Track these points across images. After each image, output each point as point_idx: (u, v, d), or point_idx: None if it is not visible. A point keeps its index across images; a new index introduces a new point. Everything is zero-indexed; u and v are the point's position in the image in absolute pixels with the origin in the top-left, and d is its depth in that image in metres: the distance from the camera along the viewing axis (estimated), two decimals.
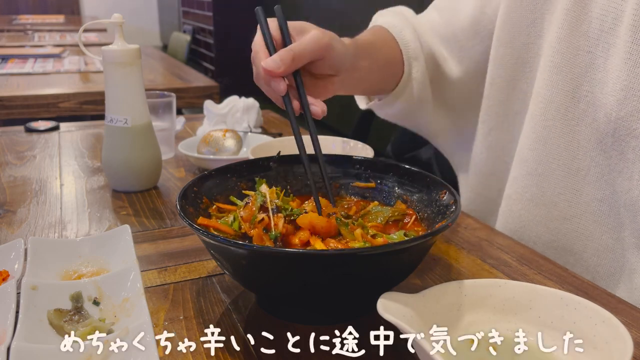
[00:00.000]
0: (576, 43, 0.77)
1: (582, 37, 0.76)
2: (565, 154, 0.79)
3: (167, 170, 1.05)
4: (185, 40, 3.92)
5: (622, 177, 0.73)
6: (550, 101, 0.80)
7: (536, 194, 0.83)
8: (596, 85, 0.74)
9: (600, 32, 0.74)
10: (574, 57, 0.77)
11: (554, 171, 0.80)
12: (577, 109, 0.77)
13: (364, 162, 0.72)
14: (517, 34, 0.86)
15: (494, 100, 0.91)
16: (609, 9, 0.73)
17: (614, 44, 0.72)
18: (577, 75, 0.77)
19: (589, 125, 0.76)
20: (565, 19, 0.77)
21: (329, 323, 0.56)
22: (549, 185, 0.81)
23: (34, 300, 0.55)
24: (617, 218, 0.75)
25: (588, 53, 0.76)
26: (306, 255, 0.50)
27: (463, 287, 0.52)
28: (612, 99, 0.72)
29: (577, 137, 0.78)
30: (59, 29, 4.13)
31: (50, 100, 1.90)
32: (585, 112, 0.77)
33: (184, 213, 0.56)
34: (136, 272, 0.59)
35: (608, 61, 0.73)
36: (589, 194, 0.77)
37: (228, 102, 1.32)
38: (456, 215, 0.56)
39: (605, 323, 0.46)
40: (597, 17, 0.74)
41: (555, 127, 0.80)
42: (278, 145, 0.89)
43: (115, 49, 0.88)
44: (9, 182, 0.98)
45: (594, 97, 0.75)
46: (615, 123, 0.72)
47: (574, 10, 0.76)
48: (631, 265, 0.74)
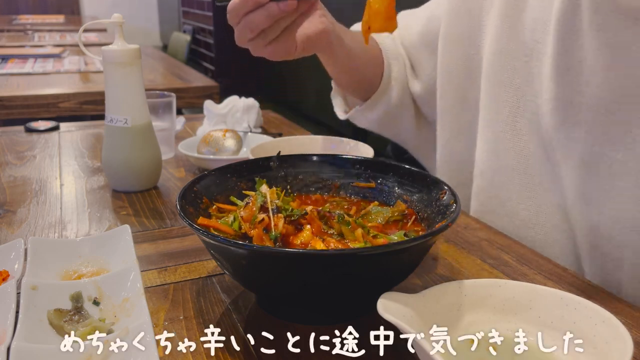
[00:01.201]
0: (514, 54, 0.78)
1: (520, 47, 0.77)
2: (518, 164, 0.80)
3: (167, 170, 1.05)
4: (185, 40, 3.92)
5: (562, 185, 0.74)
6: (497, 113, 0.81)
7: (498, 205, 0.84)
8: (536, 95, 0.76)
9: (533, 42, 0.75)
10: (513, 70, 0.78)
11: (512, 180, 0.81)
12: (523, 119, 0.78)
13: (364, 162, 0.72)
14: (459, 45, 0.87)
15: (446, 112, 0.92)
16: (537, 20, 0.74)
17: (545, 53, 0.73)
18: (518, 86, 0.78)
19: (535, 135, 0.77)
20: (498, 32, 0.79)
21: (329, 323, 0.56)
22: (508, 196, 0.81)
23: (34, 300, 0.55)
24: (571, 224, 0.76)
25: (525, 63, 0.77)
26: (306, 255, 0.50)
27: (463, 287, 0.52)
28: (546, 108, 0.73)
29: (527, 146, 0.79)
30: (59, 29, 4.13)
31: (50, 100, 1.90)
32: (530, 122, 0.77)
33: (184, 213, 0.56)
34: (136, 272, 0.59)
35: (542, 70, 0.74)
36: (545, 201, 0.78)
37: (228, 102, 1.32)
38: (456, 215, 0.56)
39: (605, 323, 0.46)
40: (528, 27, 0.75)
41: (505, 138, 0.81)
42: (278, 145, 0.89)
43: (115, 49, 0.88)
44: (9, 182, 0.98)
45: (537, 106, 0.76)
46: (552, 133, 0.73)
47: (507, 22, 0.78)
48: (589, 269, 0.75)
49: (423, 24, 0.96)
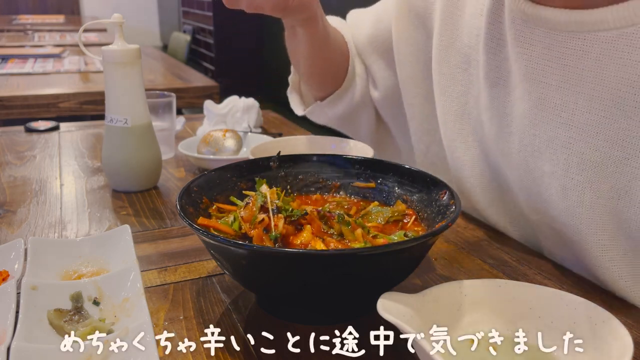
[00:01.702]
0: (453, 61, 0.77)
1: (457, 55, 0.77)
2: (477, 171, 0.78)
3: (167, 170, 1.05)
4: (185, 40, 3.93)
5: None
6: (445, 122, 0.80)
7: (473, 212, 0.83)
8: (477, 103, 0.75)
9: (469, 49, 0.74)
10: (453, 77, 0.78)
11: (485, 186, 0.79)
12: (468, 127, 0.77)
13: (364, 162, 0.72)
14: (414, 52, 0.86)
15: (418, 119, 0.90)
16: (471, 26, 0.73)
17: (479, 61, 0.72)
18: (459, 94, 0.77)
19: (481, 143, 0.76)
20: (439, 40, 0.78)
21: (329, 323, 0.56)
22: (483, 201, 0.80)
23: (34, 300, 0.55)
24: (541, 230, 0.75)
25: (464, 71, 0.76)
26: (306, 255, 0.51)
27: (463, 287, 0.52)
28: (485, 117, 0.72)
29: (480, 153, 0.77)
30: (59, 29, 4.13)
31: (50, 100, 1.90)
32: (475, 130, 0.76)
33: (184, 213, 0.56)
34: (136, 272, 0.59)
35: (480, 78, 0.73)
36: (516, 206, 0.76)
37: (228, 102, 1.32)
38: (456, 215, 0.56)
39: (605, 323, 0.46)
40: (465, 34, 0.75)
41: (457, 147, 0.80)
42: (278, 145, 0.90)
43: (115, 49, 0.88)
44: (9, 182, 0.98)
45: (478, 115, 0.75)
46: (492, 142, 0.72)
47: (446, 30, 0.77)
48: None
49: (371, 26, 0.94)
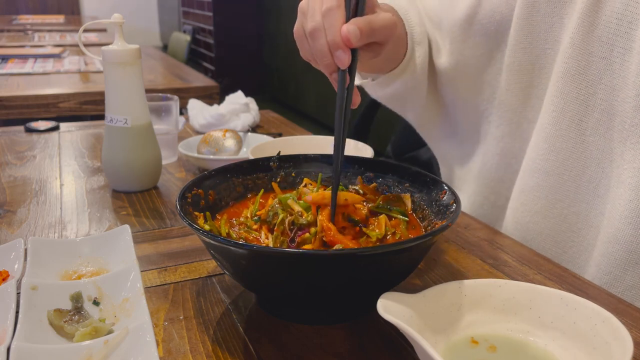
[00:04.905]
0: (590, 49, 0.74)
1: (596, 42, 0.73)
2: (576, 166, 0.77)
3: (167, 171, 1.05)
4: (185, 40, 3.93)
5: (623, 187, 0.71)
6: (563, 110, 0.77)
7: (545, 206, 0.81)
8: (611, 92, 0.72)
9: (615, 37, 0.71)
10: (588, 64, 0.74)
11: (564, 183, 0.78)
12: (592, 118, 0.75)
13: (364, 162, 0.72)
14: (535, 39, 0.82)
15: (508, 106, 0.88)
16: (625, 12, 0.70)
17: (631, 49, 0.69)
18: (591, 83, 0.74)
19: (602, 135, 0.74)
20: (579, 24, 0.74)
21: (329, 323, 0.56)
22: (559, 198, 0.79)
23: (34, 300, 0.55)
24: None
25: (602, 59, 0.73)
26: (306, 255, 0.50)
27: (463, 287, 0.52)
28: (628, 106, 0.70)
29: (589, 147, 0.76)
30: (59, 29, 4.13)
31: (50, 100, 1.90)
32: (599, 122, 0.74)
33: (184, 213, 0.57)
34: (136, 272, 0.59)
35: (624, 66, 0.70)
36: (597, 207, 0.75)
37: (228, 102, 1.33)
38: (456, 215, 0.56)
39: (605, 323, 0.46)
40: (613, 20, 0.71)
41: (569, 137, 0.77)
42: (278, 145, 0.90)
43: (115, 49, 0.88)
44: (9, 182, 0.98)
45: (609, 105, 0.72)
46: (629, 131, 0.70)
47: (588, 15, 0.73)
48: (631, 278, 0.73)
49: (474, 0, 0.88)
